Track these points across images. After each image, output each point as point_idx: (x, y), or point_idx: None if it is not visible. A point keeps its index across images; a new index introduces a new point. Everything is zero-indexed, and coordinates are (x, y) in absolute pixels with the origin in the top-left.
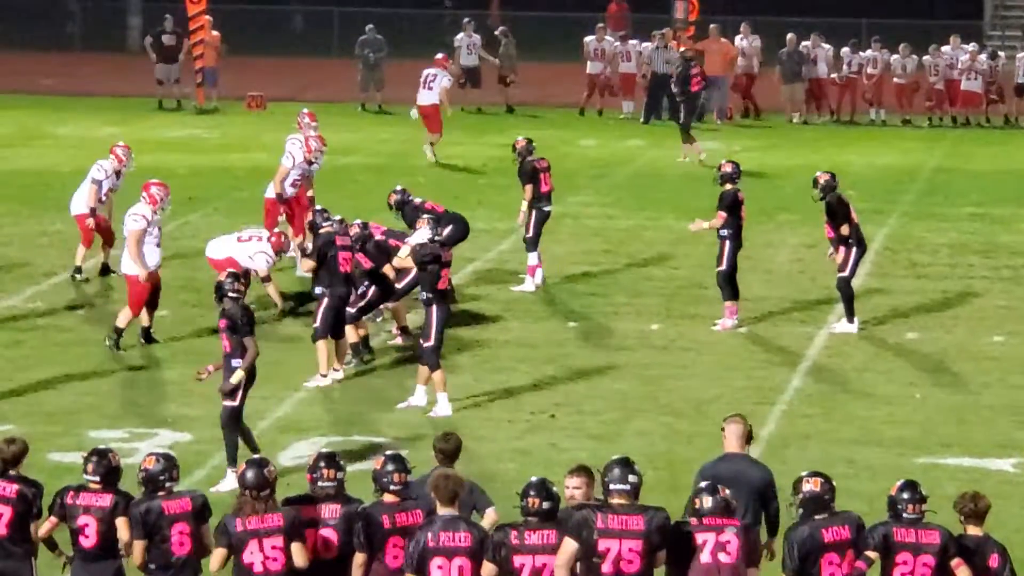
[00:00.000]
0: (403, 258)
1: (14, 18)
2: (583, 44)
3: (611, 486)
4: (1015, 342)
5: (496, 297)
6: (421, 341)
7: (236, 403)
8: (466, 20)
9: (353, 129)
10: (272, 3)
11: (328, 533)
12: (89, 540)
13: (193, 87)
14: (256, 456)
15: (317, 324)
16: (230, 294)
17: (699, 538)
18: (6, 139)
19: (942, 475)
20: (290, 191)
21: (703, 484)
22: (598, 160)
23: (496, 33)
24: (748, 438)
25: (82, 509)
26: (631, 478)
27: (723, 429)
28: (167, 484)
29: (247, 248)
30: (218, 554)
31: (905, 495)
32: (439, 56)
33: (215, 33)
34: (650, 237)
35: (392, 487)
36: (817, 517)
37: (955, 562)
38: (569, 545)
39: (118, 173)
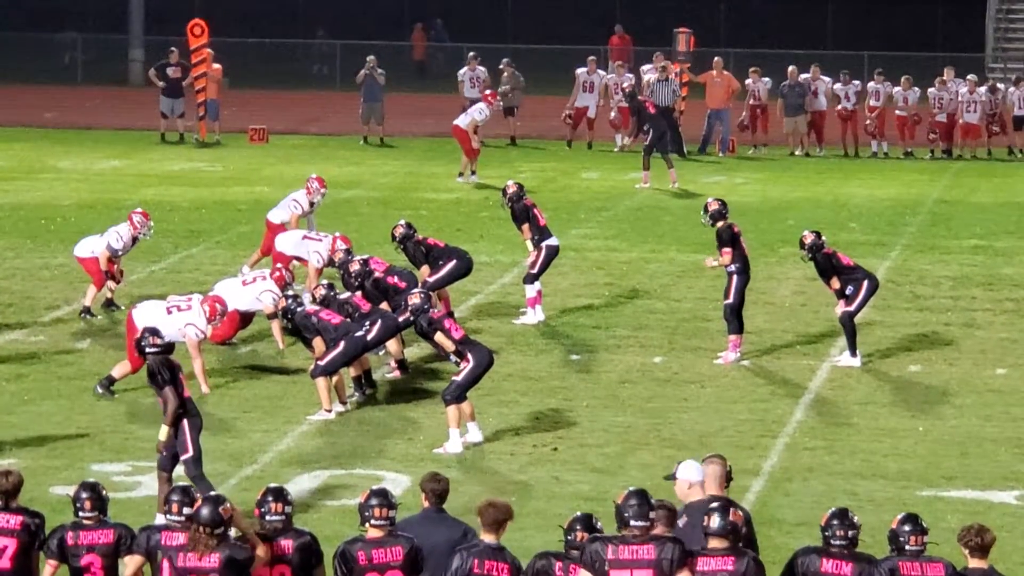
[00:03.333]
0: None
1: (16, 52)
2: (575, 76)
3: (632, 521)
4: (1018, 375)
5: (498, 330)
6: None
7: (191, 452)
8: (472, 55)
9: (355, 162)
10: (274, 36)
11: (282, 568)
12: None
13: (196, 120)
14: (213, 493)
15: (322, 363)
16: (148, 349)
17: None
18: (8, 172)
19: (945, 508)
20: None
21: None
22: (600, 193)
23: (500, 66)
24: (727, 479)
25: (85, 549)
26: (651, 514)
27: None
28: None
29: (253, 290)
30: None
31: (907, 527)
32: (488, 92)
33: (216, 66)
34: (652, 270)
35: (373, 522)
36: (832, 548)
37: None
38: None
39: (134, 239)
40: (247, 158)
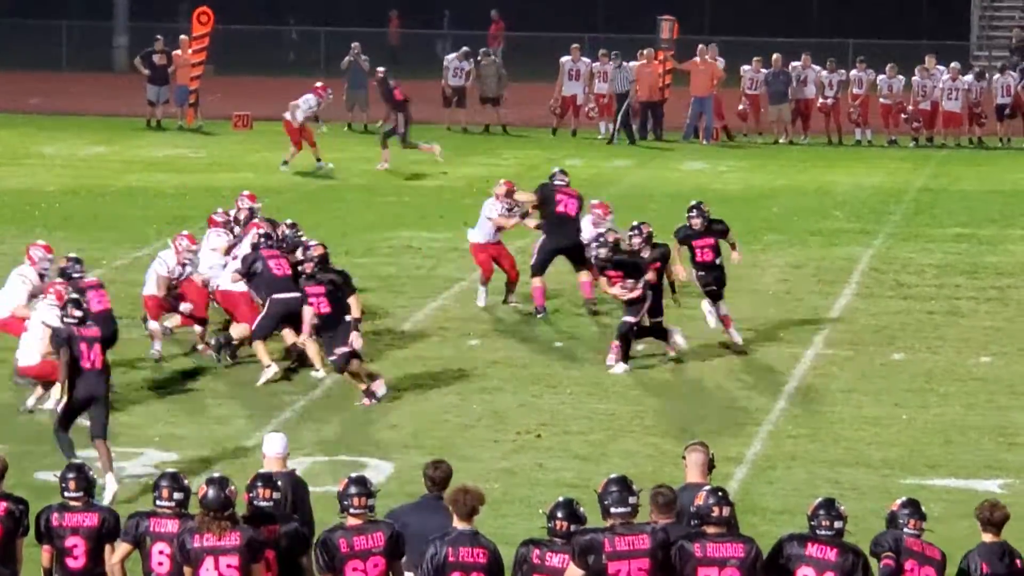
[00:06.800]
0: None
1: (1, 37)
2: (559, 64)
3: (612, 509)
4: (1001, 363)
5: (482, 316)
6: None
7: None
8: (464, 49)
9: (339, 149)
10: (260, 23)
11: (269, 554)
12: (77, 561)
13: (178, 107)
14: (217, 475)
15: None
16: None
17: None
18: None
19: (929, 496)
20: None
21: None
22: (584, 180)
23: (479, 55)
24: (710, 467)
25: (69, 530)
26: (631, 499)
27: (683, 458)
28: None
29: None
30: (186, 572)
31: (906, 510)
32: (318, 85)
33: (191, 52)
34: None
35: (353, 510)
36: (818, 536)
37: None
38: (574, 572)
39: (183, 266)
40: (231, 144)
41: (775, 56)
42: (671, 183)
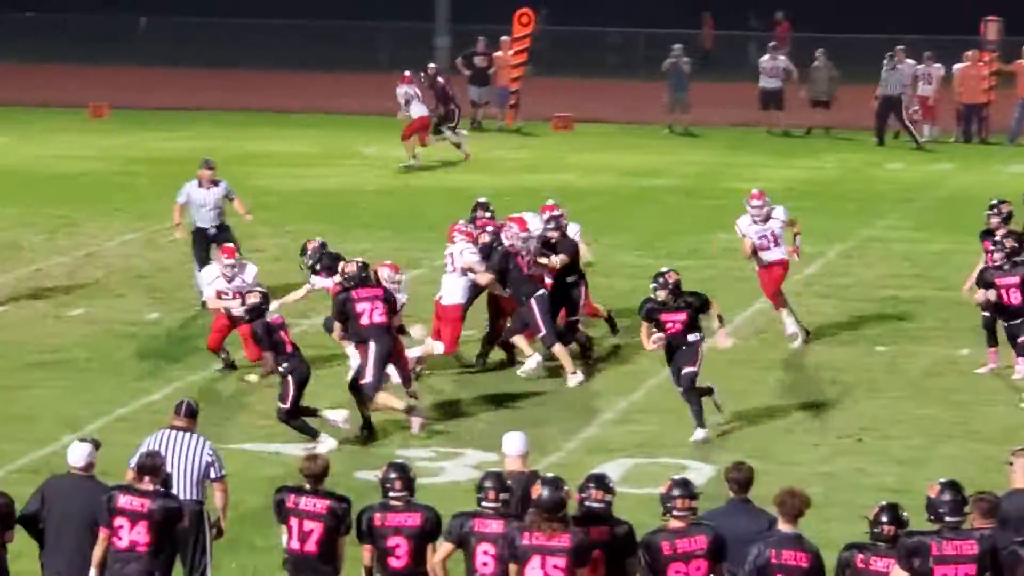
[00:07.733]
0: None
1: (321, 40)
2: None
3: (943, 514)
4: None
5: (807, 321)
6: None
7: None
8: (772, 44)
9: (660, 151)
10: (581, 24)
11: (595, 553)
12: (399, 561)
13: (499, 108)
14: (551, 476)
15: (543, 334)
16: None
17: None
18: (313, 158)
19: None
20: None
21: None
22: (906, 183)
23: (816, 57)
24: None
25: (392, 530)
26: (964, 506)
27: (1011, 463)
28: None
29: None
30: (511, 569)
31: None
32: (406, 73)
33: (510, 53)
34: (960, 261)
35: (676, 512)
36: None
37: None
38: (899, 575)
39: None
40: (550, 146)
41: None
42: (995, 187)
